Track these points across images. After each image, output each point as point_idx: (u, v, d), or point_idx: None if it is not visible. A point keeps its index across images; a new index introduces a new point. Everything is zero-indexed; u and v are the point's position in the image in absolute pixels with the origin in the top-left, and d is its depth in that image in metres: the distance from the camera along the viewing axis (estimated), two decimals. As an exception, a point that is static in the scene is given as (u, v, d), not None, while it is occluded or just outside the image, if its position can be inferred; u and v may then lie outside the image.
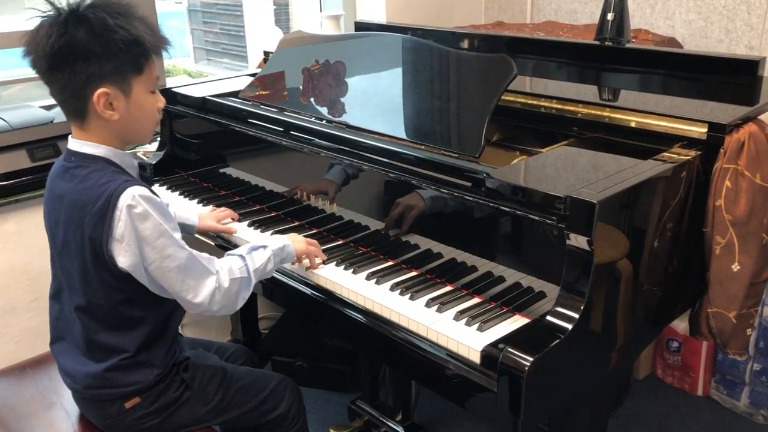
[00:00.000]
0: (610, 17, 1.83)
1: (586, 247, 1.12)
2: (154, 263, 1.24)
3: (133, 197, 1.21)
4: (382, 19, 2.72)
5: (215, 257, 1.35)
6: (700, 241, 1.40)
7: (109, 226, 1.22)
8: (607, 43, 1.84)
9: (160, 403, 1.39)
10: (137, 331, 1.34)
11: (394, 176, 1.44)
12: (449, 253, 1.40)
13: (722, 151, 1.32)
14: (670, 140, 1.38)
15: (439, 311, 1.28)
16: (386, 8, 2.71)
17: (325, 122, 1.67)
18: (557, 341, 1.10)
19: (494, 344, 1.16)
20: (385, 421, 1.99)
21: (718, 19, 2.37)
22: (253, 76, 1.98)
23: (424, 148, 1.45)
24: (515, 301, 1.27)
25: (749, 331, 1.45)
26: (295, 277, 1.49)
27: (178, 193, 1.93)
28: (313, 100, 1.73)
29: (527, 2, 2.90)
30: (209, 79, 2.29)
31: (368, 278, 1.41)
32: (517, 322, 1.23)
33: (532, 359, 1.06)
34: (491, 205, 1.25)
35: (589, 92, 1.68)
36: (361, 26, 2.36)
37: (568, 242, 1.14)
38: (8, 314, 2.07)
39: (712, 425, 2.24)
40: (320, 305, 1.44)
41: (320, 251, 1.49)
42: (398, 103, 1.58)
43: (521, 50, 1.97)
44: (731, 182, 1.32)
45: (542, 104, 1.58)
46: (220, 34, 4.07)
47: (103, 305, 1.30)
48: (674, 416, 2.28)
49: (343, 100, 1.66)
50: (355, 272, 1.44)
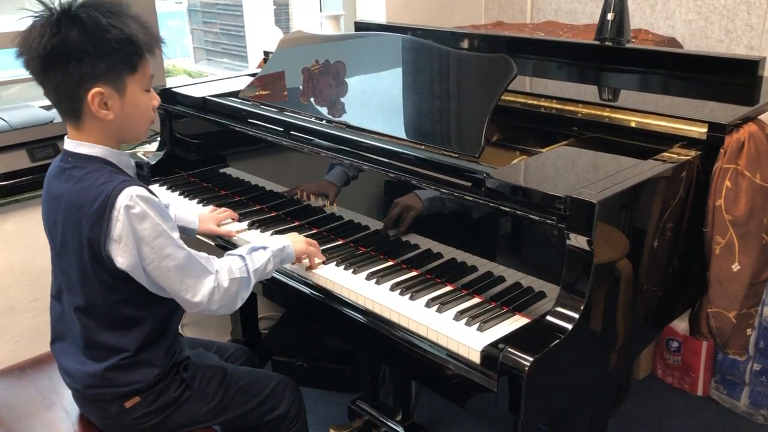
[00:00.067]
0: (610, 17, 1.83)
1: (586, 247, 1.12)
2: (152, 263, 1.24)
3: (130, 197, 1.21)
4: (382, 19, 2.72)
5: (214, 257, 1.35)
6: (700, 241, 1.39)
7: (106, 226, 1.21)
8: (607, 43, 1.84)
9: (160, 402, 1.39)
10: (137, 330, 1.34)
11: (394, 176, 1.44)
12: (449, 253, 1.40)
13: (722, 151, 1.32)
14: (670, 140, 1.38)
15: (439, 311, 1.28)
16: (386, 8, 2.71)
17: (325, 122, 1.67)
18: (557, 341, 1.10)
19: (494, 344, 1.16)
20: (385, 421, 1.99)
21: (718, 19, 2.37)
22: (253, 76, 1.98)
23: (424, 148, 1.45)
24: (515, 301, 1.27)
25: (749, 331, 1.45)
26: (295, 277, 1.49)
27: (177, 193, 1.93)
28: (313, 100, 1.73)
29: (527, 2, 2.90)
30: (209, 79, 2.29)
31: (368, 278, 1.41)
32: (517, 322, 1.23)
33: (532, 359, 1.06)
34: (491, 205, 1.25)
35: (589, 92, 1.68)
36: (361, 26, 2.36)
37: (568, 242, 1.14)
38: (8, 314, 2.07)
39: (712, 425, 2.24)
40: (320, 305, 1.44)
41: (320, 252, 1.49)
42: (398, 103, 1.58)
43: (521, 50, 1.97)
44: (731, 182, 1.32)
45: (542, 104, 1.58)
46: (220, 34, 4.08)
47: (102, 305, 1.30)
48: (674, 416, 2.28)
49: (343, 100, 1.66)
50: (355, 272, 1.44)
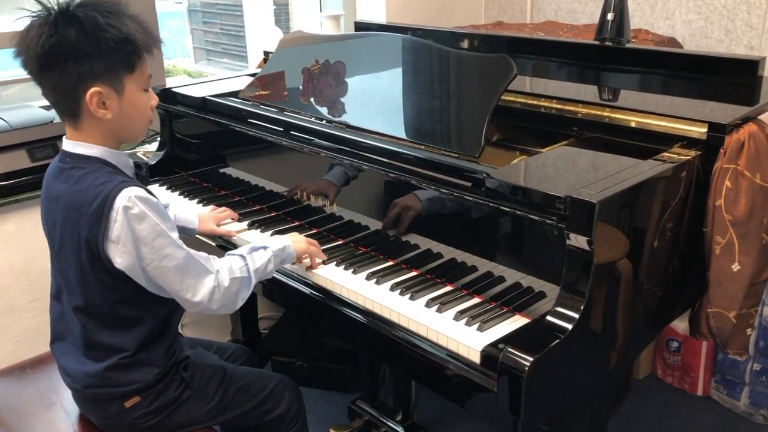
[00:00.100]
0: (610, 17, 1.83)
1: (586, 247, 1.12)
2: (152, 263, 1.24)
3: (129, 198, 1.21)
4: (382, 19, 2.72)
5: (215, 256, 1.35)
6: (700, 241, 1.39)
7: (104, 227, 1.21)
8: (607, 43, 1.84)
9: (159, 402, 1.39)
10: (136, 330, 1.34)
11: (394, 176, 1.44)
12: (449, 253, 1.40)
13: (722, 151, 1.32)
14: (670, 140, 1.38)
15: (439, 311, 1.28)
16: (386, 8, 2.71)
17: (325, 122, 1.67)
18: (557, 341, 1.10)
19: (494, 344, 1.16)
20: (385, 421, 1.99)
21: (718, 19, 2.37)
22: (253, 76, 1.98)
23: (424, 148, 1.45)
24: (515, 301, 1.27)
25: (749, 331, 1.45)
26: (295, 277, 1.49)
27: (177, 193, 1.93)
28: (313, 100, 1.73)
29: (527, 2, 2.90)
30: (209, 79, 2.29)
31: (368, 278, 1.41)
32: (517, 322, 1.23)
33: (532, 359, 1.06)
34: (491, 205, 1.25)
35: (589, 92, 1.68)
36: (361, 26, 2.36)
37: (568, 242, 1.14)
38: (8, 314, 2.07)
39: (712, 425, 2.24)
40: (320, 305, 1.44)
41: (321, 251, 1.49)
42: (398, 103, 1.58)
43: (521, 50, 1.97)
44: (731, 182, 1.32)
45: (542, 104, 1.58)
46: (220, 34, 4.07)
47: (101, 305, 1.30)
48: (674, 416, 2.28)
49: (343, 100, 1.66)
50: (355, 272, 1.44)
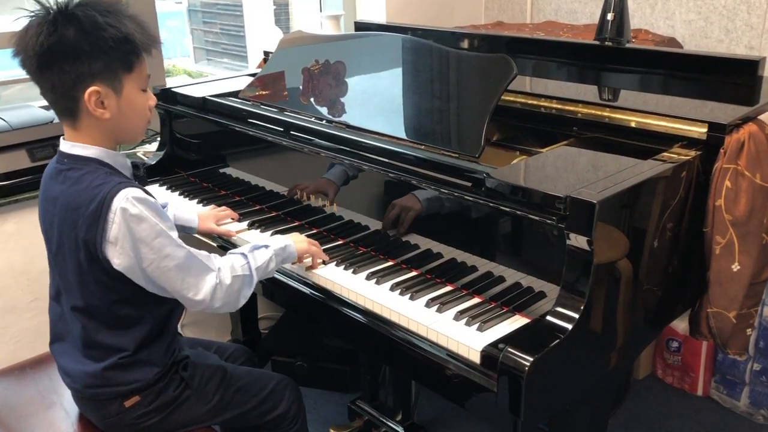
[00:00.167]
0: (610, 17, 1.82)
1: (586, 247, 1.12)
2: (152, 264, 1.24)
3: (126, 199, 1.21)
4: (382, 19, 2.72)
5: (216, 255, 1.35)
6: (700, 241, 1.39)
7: (102, 228, 1.21)
8: (607, 43, 1.84)
9: (159, 401, 1.39)
10: (136, 330, 1.34)
11: (394, 176, 1.44)
12: (449, 253, 1.40)
13: (722, 151, 1.32)
14: (670, 140, 1.38)
15: (439, 311, 1.28)
16: (386, 8, 2.71)
17: (325, 122, 1.67)
18: (557, 341, 1.10)
19: (494, 344, 1.16)
20: (385, 421, 1.99)
21: (718, 19, 2.37)
22: (253, 76, 1.98)
23: (424, 148, 1.45)
24: (515, 301, 1.27)
25: (749, 331, 1.45)
26: (295, 277, 1.49)
27: (177, 193, 1.93)
28: (313, 100, 1.73)
29: (527, 2, 2.90)
30: (209, 79, 2.29)
31: (368, 278, 1.41)
32: (517, 322, 1.23)
33: (532, 359, 1.06)
34: (491, 205, 1.25)
35: (589, 92, 1.68)
36: (361, 26, 2.36)
37: (568, 242, 1.14)
38: (8, 314, 2.07)
39: (712, 425, 2.24)
40: (320, 305, 1.44)
41: (321, 251, 1.49)
42: (398, 103, 1.58)
43: (521, 50, 1.97)
44: (731, 182, 1.32)
45: (542, 104, 1.58)
46: (220, 34, 4.08)
47: (100, 305, 1.30)
48: (674, 416, 2.28)
49: (343, 100, 1.66)
50: (355, 272, 1.43)
